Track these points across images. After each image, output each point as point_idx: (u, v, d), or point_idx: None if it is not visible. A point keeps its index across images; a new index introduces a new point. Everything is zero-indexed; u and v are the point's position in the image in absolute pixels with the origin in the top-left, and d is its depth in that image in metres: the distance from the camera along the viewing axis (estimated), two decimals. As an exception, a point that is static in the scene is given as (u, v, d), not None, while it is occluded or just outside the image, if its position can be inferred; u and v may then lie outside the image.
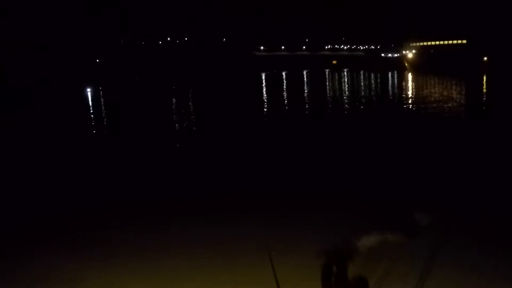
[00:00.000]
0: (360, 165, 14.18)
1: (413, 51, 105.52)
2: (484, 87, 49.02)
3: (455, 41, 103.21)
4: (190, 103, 40.57)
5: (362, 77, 73.05)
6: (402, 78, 66.61)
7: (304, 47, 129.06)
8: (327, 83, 61.65)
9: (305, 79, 73.71)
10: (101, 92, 52.84)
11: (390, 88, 51.61)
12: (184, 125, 26.43)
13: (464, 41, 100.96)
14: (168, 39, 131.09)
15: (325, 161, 15.02)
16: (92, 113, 33.54)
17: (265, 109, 32.98)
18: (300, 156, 15.85)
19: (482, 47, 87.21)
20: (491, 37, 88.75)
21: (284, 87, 58.25)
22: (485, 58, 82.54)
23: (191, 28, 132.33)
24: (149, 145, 19.47)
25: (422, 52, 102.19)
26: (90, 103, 41.87)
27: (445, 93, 40.80)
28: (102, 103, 42.25)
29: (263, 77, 78.10)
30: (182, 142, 20.95)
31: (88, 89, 52.80)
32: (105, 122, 29.20)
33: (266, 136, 20.76)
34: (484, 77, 58.51)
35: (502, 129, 20.24)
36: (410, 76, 71.41)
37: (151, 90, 52.66)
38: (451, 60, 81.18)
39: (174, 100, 42.68)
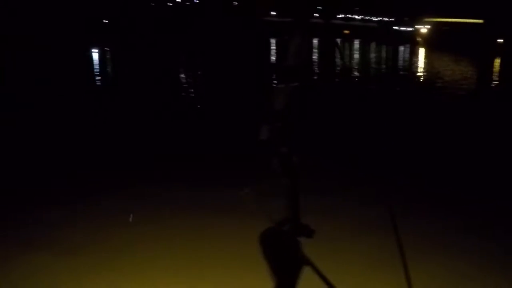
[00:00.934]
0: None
1: (427, 26, 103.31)
2: (496, 69, 48.19)
3: (471, 20, 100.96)
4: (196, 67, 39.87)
5: (372, 49, 71.93)
6: (413, 53, 65.57)
7: (316, 14, 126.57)
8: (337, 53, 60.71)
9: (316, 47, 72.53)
10: (107, 54, 51.96)
11: (400, 62, 50.82)
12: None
13: (481, 21, 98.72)
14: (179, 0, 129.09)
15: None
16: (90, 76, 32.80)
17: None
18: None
19: (498, 29, 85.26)
20: (509, 20, 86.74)
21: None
22: (501, 40, 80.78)
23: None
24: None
25: (436, 28, 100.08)
26: (94, 64, 41.01)
27: (455, 72, 40.10)
28: (107, 65, 41.44)
29: (273, 43, 76.88)
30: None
31: (95, 51, 51.83)
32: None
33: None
34: (498, 60, 57.38)
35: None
36: (422, 51, 70.22)
37: (159, 54, 51.83)
38: (465, 39, 79.51)
39: (181, 62, 41.90)
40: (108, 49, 53.59)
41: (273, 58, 48.60)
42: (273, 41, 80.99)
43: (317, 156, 10.93)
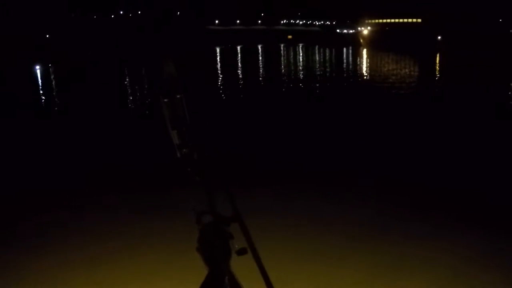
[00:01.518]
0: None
1: (369, 27, 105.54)
2: (437, 65, 49.23)
3: (410, 20, 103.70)
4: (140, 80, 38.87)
5: (316, 52, 72.46)
6: (357, 54, 66.40)
7: (259, 21, 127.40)
8: (282, 58, 60.90)
9: (260, 53, 72.67)
10: (50, 69, 50.19)
11: (344, 63, 51.24)
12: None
13: (419, 20, 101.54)
14: (121, 12, 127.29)
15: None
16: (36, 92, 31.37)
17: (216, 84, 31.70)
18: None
19: (436, 26, 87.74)
20: (446, 17, 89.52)
21: (239, 61, 57.09)
22: (439, 38, 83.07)
23: (145, 1, 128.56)
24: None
25: (378, 29, 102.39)
26: (39, 81, 39.39)
27: (397, 69, 40.61)
28: (51, 80, 39.84)
29: (218, 51, 76.61)
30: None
31: (37, 67, 49.98)
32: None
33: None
34: (438, 56, 58.76)
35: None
36: (365, 52, 71.23)
37: (103, 66, 50.35)
38: (405, 38, 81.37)
39: (126, 77, 40.73)
40: (50, 65, 52.03)
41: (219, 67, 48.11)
42: (217, 49, 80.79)
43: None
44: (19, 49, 64.85)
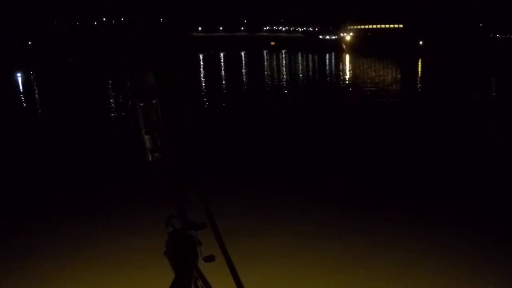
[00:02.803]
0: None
1: (351, 33, 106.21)
2: (419, 69, 49.57)
3: (391, 25, 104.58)
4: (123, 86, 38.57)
5: (299, 58, 72.62)
6: (339, 60, 66.67)
7: (242, 28, 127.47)
8: (265, 64, 60.87)
9: (243, 60, 72.66)
10: (32, 76, 49.64)
11: (327, 68, 51.40)
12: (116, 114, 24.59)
13: (401, 26, 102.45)
14: (104, 19, 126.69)
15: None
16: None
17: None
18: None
19: (417, 31, 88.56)
20: (427, 22, 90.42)
21: (222, 67, 57.00)
22: (421, 42, 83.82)
23: (128, 8, 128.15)
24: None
25: (360, 35, 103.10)
26: (20, 88, 38.89)
27: (379, 74, 40.81)
28: (32, 88, 39.34)
29: (201, 58, 76.45)
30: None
31: (18, 74, 49.41)
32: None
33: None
34: (419, 60, 59.20)
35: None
36: (347, 58, 71.55)
37: (85, 73, 49.88)
38: (387, 43, 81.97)
39: (109, 84, 40.36)
40: (32, 72, 51.47)
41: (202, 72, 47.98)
42: (201, 55, 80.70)
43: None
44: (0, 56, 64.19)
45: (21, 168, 11.69)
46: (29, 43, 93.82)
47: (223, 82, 37.42)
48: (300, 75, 42.30)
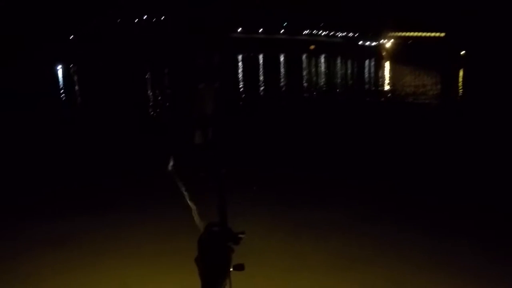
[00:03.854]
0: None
1: (391, 40, 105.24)
2: (460, 80, 48.88)
3: (433, 34, 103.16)
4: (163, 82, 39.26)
5: (338, 64, 72.39)
6: (378, 67, 66.18)
7: (282, 30, 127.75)
8: (304, 68, 60.99)
9: (282, 63, 72.92)
10: (71, 70, 50.92)
11: (366, 76, 51.18)
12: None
13: (442, 34, 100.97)
14: (144, 17, 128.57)
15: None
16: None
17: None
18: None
19: (460, 41, 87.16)
20: (469, 32, 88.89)
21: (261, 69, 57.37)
22: (463, 53, 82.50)
23: (168, 7, 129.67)
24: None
25: (400, 42, 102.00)
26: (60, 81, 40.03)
27: (419, 84, 40.40)
28: (72, 81, 40.42)
29: (240, 59, 76.94)
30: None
31: (59, 67, 50.76)
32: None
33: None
34: (461, 71, 58.28)
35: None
36: (387, 65, 70.98)
37: (125, 69, 50.85)
38: (428, 52, 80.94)
39: (147, 79, 41.14)
40: (72, 65, 52.69)
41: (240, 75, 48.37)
42: (239, 56, 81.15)
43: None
44: (42, 49, 65.86)
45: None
46: (71, 37, 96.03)
47: (260, 84, 37.79)
48: (339, 81, 42.25)
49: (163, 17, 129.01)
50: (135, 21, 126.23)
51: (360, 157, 12.95)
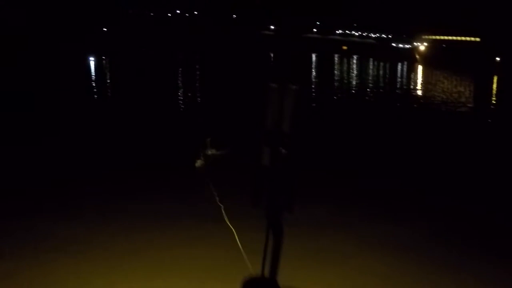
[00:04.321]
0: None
1: (425, 44, 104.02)
2: (494, 87, 48.23)
3: (468, 38, 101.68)
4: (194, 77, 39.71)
5: (371, 65, 72.00)
6: (411, 70, 65.64)
7: (314, 30, 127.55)
8: (335, 68, 60.88)
9: (314, 62, 72.84)
10: (104, 61, 51.81)
11: (398, 79, 50.87)
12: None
13: (478, 39, 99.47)
14: (178, 11, 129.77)
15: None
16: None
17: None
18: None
19: (496, 47, 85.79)
20: (505, 38, 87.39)
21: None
22: (498, 59, 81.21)
23: (202, 2, 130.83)
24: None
25: (434, 46, 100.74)
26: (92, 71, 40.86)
27: (453, 90, 40.01)
28: (102, 72, 41.23)
29: (272, 57, 77.09)
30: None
31: (91, 59, 51.70)
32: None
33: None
34: (495, 78, 57.47)
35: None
36: (420, 69, 70.32)
37: (157, 62, 51.51)
38: (463, 56, 79.87)
39: (179, 73, 41.64)
40: (104, 57, 53.52)
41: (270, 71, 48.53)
42: (271, 54, 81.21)
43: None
44: (76, 41, 67.16)
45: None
46: (104, 29, 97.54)
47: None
48: (370, 84, 42.10)
49: (196, 12, 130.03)
50: (168, 15, 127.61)
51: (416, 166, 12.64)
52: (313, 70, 56.73)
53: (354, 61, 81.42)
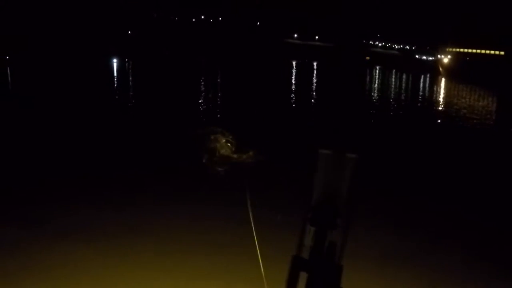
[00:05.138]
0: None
1: (449, 56, 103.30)
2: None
3: (492, 51, 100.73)
4: (215, 81, 40.17)
5: (393, 77, 71.72)
6: (434, 83, 65.23)
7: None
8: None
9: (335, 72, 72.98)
10: (127, 64, 52.65)
11: (420, 93, 50.62)
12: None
13: (502, 53, 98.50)
14: (202, 17, 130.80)
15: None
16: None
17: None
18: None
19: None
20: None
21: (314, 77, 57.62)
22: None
23: (226, 9, 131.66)
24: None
25: (458, 59, 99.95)
26: (115, 73, 41.66)
27: (476, 107, 39.62)
28: (126, 74, 41.99)
29: (294, 65, 77.32)
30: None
31: (114, 60, 52.55)
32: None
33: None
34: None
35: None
36: (443, 82, 69.87)
37: (179, 66, 52.17)
38: (487, 70, 79.05)
39: (201, 79, 42.16)
40: (127, 59, 54.27)
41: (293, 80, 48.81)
42: (294, 62, 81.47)
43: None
44: (100, 42, 68.22)
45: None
46: (129, 32, 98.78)
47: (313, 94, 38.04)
48: (391, 98, 41.92)
49: (220, 18, 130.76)
50: (193, 20, 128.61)
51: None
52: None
53: (377, 71, 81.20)
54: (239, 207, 3.81)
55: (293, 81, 48.38)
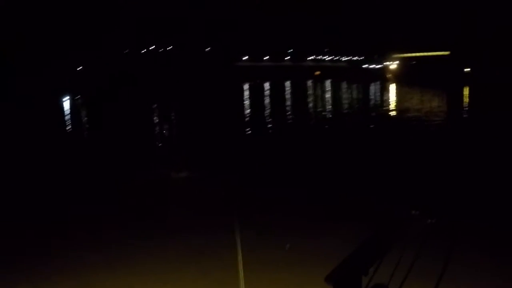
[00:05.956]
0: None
1: (396, 62, 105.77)
2: (465, 98, 48.77)
3: (437, 53, 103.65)
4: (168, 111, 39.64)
5: (343, 88, 72.54)
6: (384, 89, 66.29)
7: (287, 57, 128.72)
8: (310, 93, 61.32)
9: (288, 89, 73.45)
10: (76, 101, 51.62)
11: (371, 98, 51.33)
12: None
13: (447, 53, 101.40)
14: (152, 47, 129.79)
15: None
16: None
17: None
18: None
19: (464, 59, 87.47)
20: (473, 49, 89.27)
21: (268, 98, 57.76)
22: (467, 70, 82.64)
23: (173, 38, 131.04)
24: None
25: (405, 63, 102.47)
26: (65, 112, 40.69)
27: (426, 104, 40.45)
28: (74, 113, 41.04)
29: (246, 88, 77.39)
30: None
31: (65, 99, 51.46)
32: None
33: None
34: (467, 89, 58.22)
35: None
36: (392, 87, 71.13)
37: (130, 101, 51.37)
38: (433, 71, 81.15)
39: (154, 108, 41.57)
40: (79, 97, 53.33)
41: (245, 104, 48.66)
42: (246, 86, 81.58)
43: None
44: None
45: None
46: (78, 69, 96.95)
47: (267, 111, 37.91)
48: (344, 107, 42.22)
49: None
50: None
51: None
52: (287, 98, 57.06)
53: (327, 85, 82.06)
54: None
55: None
